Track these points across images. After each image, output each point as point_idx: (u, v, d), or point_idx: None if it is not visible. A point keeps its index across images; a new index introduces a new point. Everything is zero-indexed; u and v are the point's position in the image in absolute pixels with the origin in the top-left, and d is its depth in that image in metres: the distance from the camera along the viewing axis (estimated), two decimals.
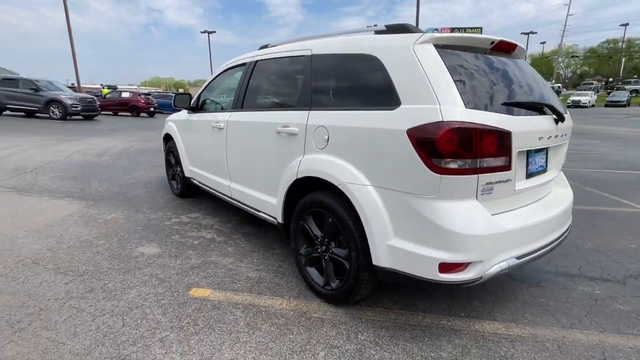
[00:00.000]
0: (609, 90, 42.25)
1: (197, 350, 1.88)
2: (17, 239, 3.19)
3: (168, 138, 4.67)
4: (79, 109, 15.17)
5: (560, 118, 2.08)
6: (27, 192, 4.63)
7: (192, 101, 3.98)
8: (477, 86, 1.82)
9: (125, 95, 21.11)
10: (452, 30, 38.04)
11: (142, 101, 20.55)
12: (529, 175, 2.07)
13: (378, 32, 2.18)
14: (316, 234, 2.36)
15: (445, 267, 1.74)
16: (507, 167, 1.81)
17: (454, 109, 1.69)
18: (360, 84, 2.13)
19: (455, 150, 1.66)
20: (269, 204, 2.76)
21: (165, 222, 3.73)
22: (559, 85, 48.04)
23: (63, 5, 23.02)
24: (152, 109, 21.04)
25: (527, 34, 44.00)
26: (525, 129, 1.87)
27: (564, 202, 2.29)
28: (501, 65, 2.08)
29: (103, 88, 25.86)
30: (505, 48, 2.16)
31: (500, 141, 1.74)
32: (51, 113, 14.77)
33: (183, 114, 4.25)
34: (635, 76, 50.05)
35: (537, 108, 2.01)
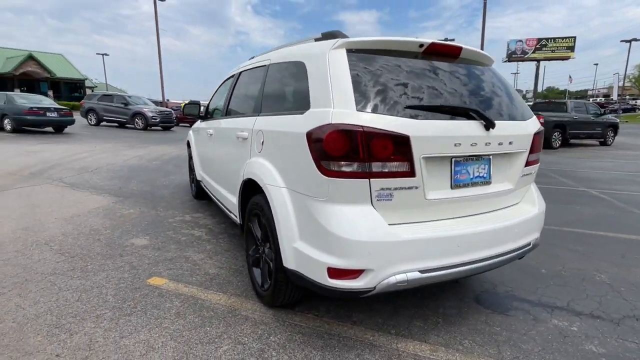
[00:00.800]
0: None
1: (120, 328, 2.08)
2: (46, 224, 3.79)
3: (188, 145, 5.14)
4: (157, 120, 17.22)
5: (489, 124, 1.89)
6: (78, 187, 5.44)
7: (202, 110, 4.36)
8: (384, 90, 1.76)
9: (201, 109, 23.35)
10: (539, 41, 35.10)
11: None
12: (456, 185, 1.90)
13: (316, 40, 2.23)
14: (257, 235, 2.44)
15: (334, 272, 1.69)
16: (408, 173, 1.70)
17: (342, 112, 1.67)
18: (291, 89, 2.20)
19: (341, 153, 1.63)
20: (233, 204, 2.91)
21: (169, 219, 4.10)
22: None
23: (156, 32, 26.56)
24: None
25: (629, 41, 38.59)
26: (432, 133, 1.74)
27: (514, 218, 2.04)
28: (433, 69, 1.97)
29: (183, 103, 28.93)
30: (443, 51, 2.04)
31: (396, 145, 1.66)
32: (135, 124, 16.99)
33: (198, 122, 4.67)
34: None
35: (461, 113, 1.86)
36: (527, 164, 2.17)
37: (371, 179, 1.66)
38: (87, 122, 18.09)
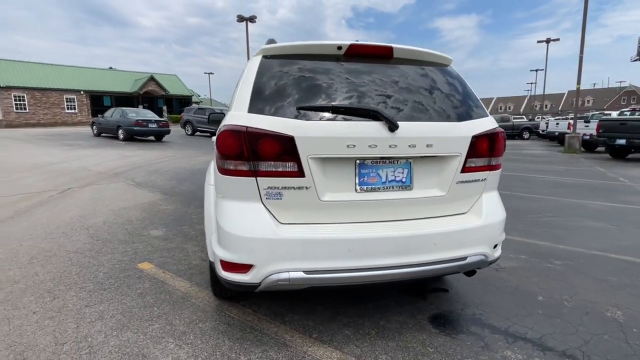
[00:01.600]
0: None
1: (90, 298, 2.46)
2: (97, 213, 4.59)
3: None
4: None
5: (392, 125, 1.77)
6: (140, 186, 6.40)
7: None
8: (283, 93, 1.81)
9: None
10: None
11: None
12: (363, 188, 1.83)
13: None
14: None
15: (225, 265, 1.79)
16: (296, 173, 1.72)
17: (235, 114, 1.78)
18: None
19: (230, 152, 1.73)
20: None
21: (192, 216, 4.58)
22: None
23: (246, 49, 29.37)
24: None
25: None
26: (319, 134, 1.72)
27: (441, 228, 1.86)
28: (354, 71, 1.94)
29: None
30: (369, 52, 1.99)
31: (280, 145, 1.69)
32: None
33: None
34: None
35: (361, 114, 1.78)
36: (466, 169, 1.96)
37: (258, 178, 1.73)
38: (184, 132, 20.79)
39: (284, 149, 1.70)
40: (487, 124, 2.03)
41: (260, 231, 1.70)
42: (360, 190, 1.83)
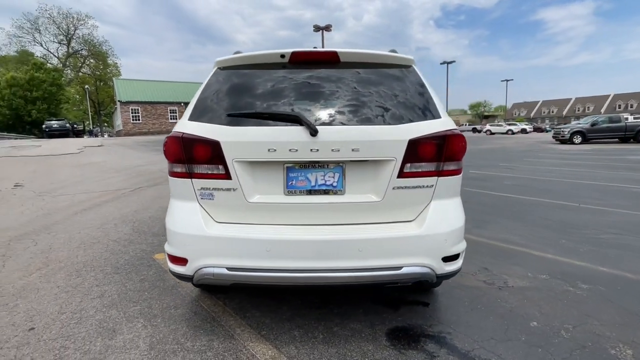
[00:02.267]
0: None
1: (103, 280, 2.91)
2: (149, 210, 5.29)
3: None
4: None
5: (312, 130, 1.76)
6: None
7: None
8: (221, 101, 1.95)
9: None
10: None
11: None
12: (291, 191, 1.86)
13: None
14: None
15: (170, 258, 1.99)
16: (223, 176, 1.84)
17: (179, 122, 1.97)
18: None
19: (171, 157, 1.93)
20: None
21: None
22: None
23: None
24: None
25: None
26: (243, 139, 1.80)
27: (371, 234, 1.79)
28: (298, 77, 1.99)
29: None
30: (313, 58, 2.02)
31: (208, 149, 1.83)
32: None
33: None
34: None
35: (284, 119, 1.82)
36: (404, 175, 1.85)
37: (193, 179, 1.90)
38: None
39: (213, 153, 1.84)
40: (434, 126, 1.89)
41: (192, 228, 1.87)
42: (289, 194, 1.88)
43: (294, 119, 1.80)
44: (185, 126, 1.92)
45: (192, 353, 1.99)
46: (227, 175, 1.85)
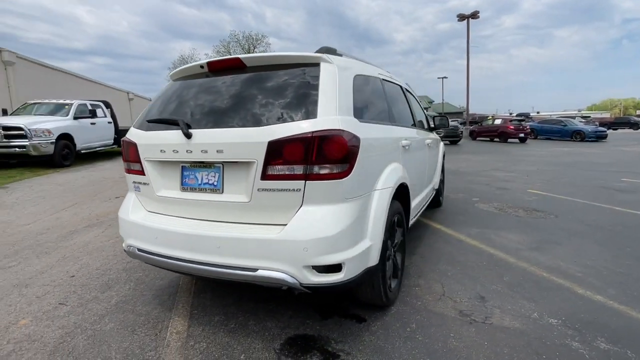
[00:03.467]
0: None
1: (123, 273, 3.76)
2: None
3: None
4: (441, 135, 18.43)
5: (186, 133, 1.91)
6: None
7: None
8: (156, 109, 2.33)
9: (497, 122, 22.13)
10: None
11: (512, 127, 20.64)
12: (184, 188, 2.08)
13: None
14: None
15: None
16: (140, 172, 2.21)
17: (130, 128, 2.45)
18: None
19: (123, 156, 2.43)
20: None
21: None
22: None
23: (466, 47, 27.56)
24: (522, 135, 20.55)
25: None
26: (147, 141, 2.12)
27: (230, 233, 1.84)
28: (214, 84, 2.20)
29: (488, 117, 27.49)
30: (225, 66, 2.18)
31: (133, 150, 2.23)
32: None
33: None
34: None
35: (170, 123, 2.05)
36: (267, 177, 1.80)
37: (128, 174, 2.35)
38: None
39: (135, 154, 2.24)
40: (302, 127, 1.77)
41: (122, 213, 2.33)
42: (183, 190, 2.11)
43: (174, 123, 2.03)
44: (130, 131, 2.39)
45: (134, 315, 2.45)
46: (142, 172, 2.22)
